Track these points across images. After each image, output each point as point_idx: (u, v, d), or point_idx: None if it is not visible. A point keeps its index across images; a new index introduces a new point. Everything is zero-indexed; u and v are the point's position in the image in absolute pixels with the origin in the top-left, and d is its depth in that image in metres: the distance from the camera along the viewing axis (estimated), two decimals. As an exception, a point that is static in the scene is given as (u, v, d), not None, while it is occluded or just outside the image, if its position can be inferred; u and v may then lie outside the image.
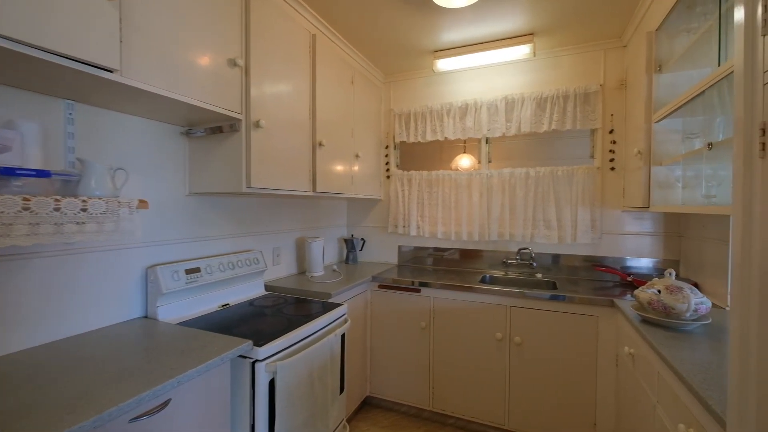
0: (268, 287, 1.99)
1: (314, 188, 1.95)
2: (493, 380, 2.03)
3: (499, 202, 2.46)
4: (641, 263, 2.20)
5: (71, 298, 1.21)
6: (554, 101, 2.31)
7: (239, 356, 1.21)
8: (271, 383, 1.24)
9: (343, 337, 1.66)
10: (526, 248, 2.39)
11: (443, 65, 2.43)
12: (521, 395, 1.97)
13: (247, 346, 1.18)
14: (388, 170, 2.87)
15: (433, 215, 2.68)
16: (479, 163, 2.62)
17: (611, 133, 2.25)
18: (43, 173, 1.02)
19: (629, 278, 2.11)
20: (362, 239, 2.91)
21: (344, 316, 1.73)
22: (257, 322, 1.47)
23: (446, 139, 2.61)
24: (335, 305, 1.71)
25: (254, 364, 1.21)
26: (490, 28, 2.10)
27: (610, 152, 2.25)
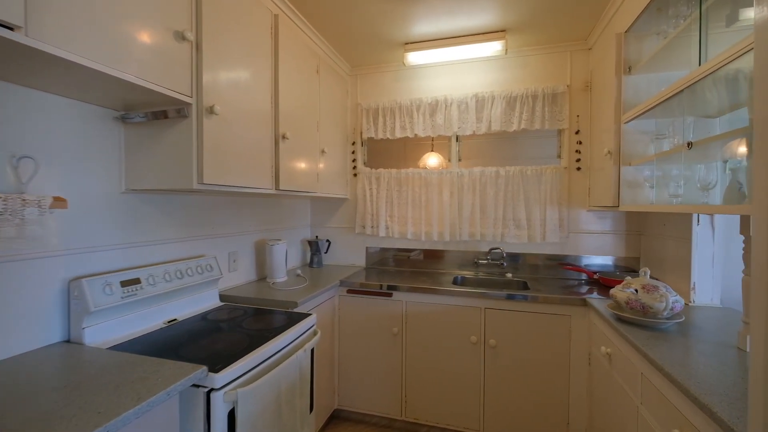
0: (223, 297, 1.76)
1: (277, 186, 1.75)
2: (467, 385, 1.96)
3: (470, 201, 2.42)
4: (604, 261, 2.26)
5: (-41, 324, 0.93)
6: (524, 100, 2.30)
7: (191, 386, 1.01)
8: (230, 414, 1.05)
9: (312, 351, 1.49)
10: (497, 248, 2.37)
11: (414, 58, 2.34)
12: (496, 399, 1.92)
13: (200, 373, 0.99)
14: (355, 168, 2.72)
15: (402, 215, 2.58)
16: (449, 161, 2.56)
17: (577, 133, 2.28)
18: None
19: (595, 276, 2.15)
20: (328, 241, 2.74)
21: (313, 327, 1.56)
22: (212, 340, 1.26)
23: (416, 135, 2.52)
24: (303, 315, 1.54)
25: (210, 393, 1.01)
26: (462, 21, 2.03)
27: (576, 152, 2.29)
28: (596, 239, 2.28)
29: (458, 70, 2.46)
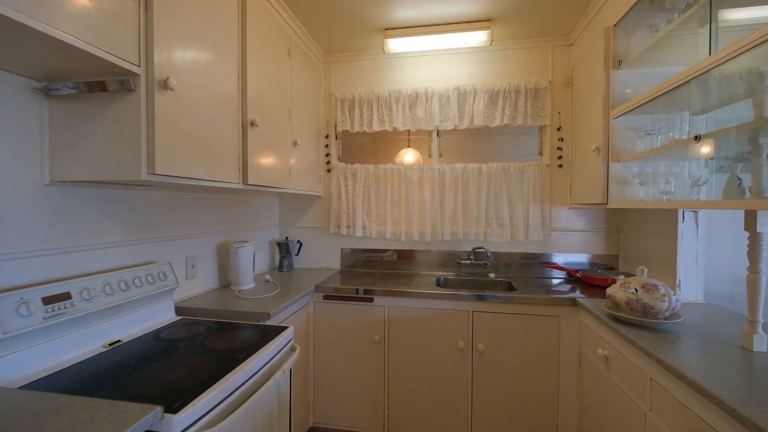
0: (180, 310, 1.50)
1: (245, 180, 1.52)
2: (455, 394, 1.85)
3: (452, 199, 2.31)
4: (585, 259, 2.25)
5: None
6: (506, 95, 2.24)
7: (140, 432, 0.78)
8: (193, 464, 0.83)
9: (290, 372, 1.29)
10: (481, 248, 2.28)
11: (395, 45, 2.18)
12: (484, 407, 1.82)
13: (152, 416, 0.76)
14: (328, 163, 2.52)
15: (381, 214, 2.42)
16: (429, 157, 2.44)
17: (559, 130, 2.25)
18: None
19: (578, 274, 2.13)
20: (299, 242, 2.51)
21: (291, 342, 1.36)
22: (167, 366, 1.03)
23: (395, 129, 2.37)
24: (279, 329, 1.33)
25: (166, 440, 0.79)
26: (447, 7, 1.91)
27: (558, 149, 2.26)
28: (576, 237, 2.27)
29: (440, 61, 2.34)
